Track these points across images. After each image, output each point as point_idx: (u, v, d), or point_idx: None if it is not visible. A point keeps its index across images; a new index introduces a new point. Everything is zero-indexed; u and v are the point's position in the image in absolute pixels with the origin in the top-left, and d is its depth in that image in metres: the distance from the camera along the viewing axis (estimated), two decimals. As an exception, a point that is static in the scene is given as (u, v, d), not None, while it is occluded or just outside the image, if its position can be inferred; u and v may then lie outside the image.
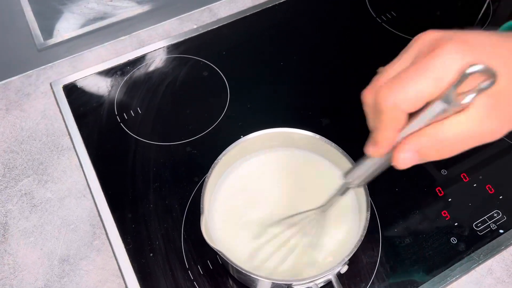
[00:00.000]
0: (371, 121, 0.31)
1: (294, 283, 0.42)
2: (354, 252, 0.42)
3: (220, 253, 0.42)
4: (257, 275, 0.41)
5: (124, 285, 0.49)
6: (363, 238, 0.42)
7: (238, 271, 0.42)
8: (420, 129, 0.29)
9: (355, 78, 0.66)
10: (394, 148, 0.30)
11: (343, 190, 0.40)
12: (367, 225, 0.43)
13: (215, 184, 0.49)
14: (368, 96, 0.31)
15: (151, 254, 0.51)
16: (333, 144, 0.48)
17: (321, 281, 0.43)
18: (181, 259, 0.51)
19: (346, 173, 0.37)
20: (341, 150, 0.48)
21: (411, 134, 0.29)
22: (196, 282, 0.49)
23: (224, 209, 0.48)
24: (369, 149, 0.32)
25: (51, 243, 0.53)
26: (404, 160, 0.30)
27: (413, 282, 0.49)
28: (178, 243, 0.52)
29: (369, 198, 0.45)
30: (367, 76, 0.32)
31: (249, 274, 0.41)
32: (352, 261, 0.48)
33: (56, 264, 0.51)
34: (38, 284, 0.50)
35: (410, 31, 0.70)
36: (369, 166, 0.34)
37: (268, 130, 0.50)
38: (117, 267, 0.51)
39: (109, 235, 0.52)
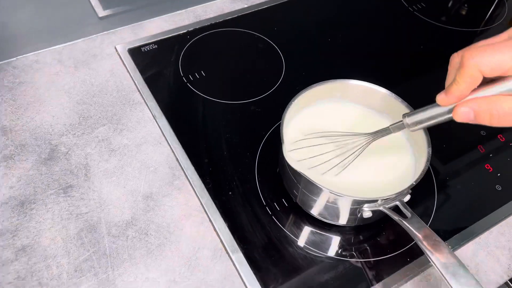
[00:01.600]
0: (449, 78, 0.38)
1: (365, 204, 0.47)
2: (420, 179, 0.47)
3: (301, 173, 0.46)
4: (336, 192, 0.45)
5: (207, 219, 0.53)
6: (427, 168, 0.48)
7: (313, 192, 0.47)
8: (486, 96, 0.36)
9: (396, 58, 0.73)
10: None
11: (397, 127, 0.46)
12: (430, 157, 0.48)
13: (289, 121, 0.54)
14: (455, 56, 0.37)
15: (230, 193, 0.55)
16: (404, 102, 0.54)
17: (389, 206, 0.48)
18: (258, 198, 0.55)
19: (407, 114, 0.44)
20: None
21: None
22: (275, 216, 0.54)
23: (296, 142, 0.53)
24: (440, 96, 0.39)
25: (133, 182, 0.56)
26: (461, 114, 0.37)
27: (467, 219, 0.55)
28: (254, 184, 0.56)
29: (429, 136, 0.50)
30: (406, 57, 0.37)
31: (328, 190, 0.45)
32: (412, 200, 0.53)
33: (140, 200, 0.54)
34: (125, 217, 0.53)
35: (440, 19, 0.79)
36: (431, 113, 0.41)
37: (338, 80, 0.55)
38: (199, 203, 0.54)
39: (189, 176, 0.56)
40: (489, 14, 0.83)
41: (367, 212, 0.48)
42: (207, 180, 0.56)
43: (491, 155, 0.61)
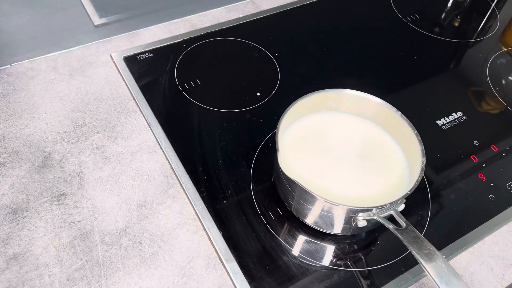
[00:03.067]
0: None
1: (360, 213, 0.47)
2: (414, 188, 0.47)
3: (296, 182, 0.46)
4: (330, 201, 0.45)
5: (202, 227, 0.53)
6: (421, 178, 0.48)
7: (308, 200, 0.47)
8: None
9: (389, 68, 0.74)
10: None
11: None
12: (424, 167, 0.49)
13: (284, 130, 0.54)
14: None
15: (225, 201, 0.55)
16: (398, 111, 0.54)
17: (383, 215, 0.48)
18: (253, 206, 0.55)
19: None
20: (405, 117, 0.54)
21: None
22: (269, 225, 0.53)
23: (291, 151, 0.53)
24: None
25: (127, 190, 0.56)
26: None
27: (461, 229, 0.55)
28: (248, 193, 0.56)
29: (423, 146, 0.51)
30: (400, 68, 0.38)
31: (323, 198, 0.45)
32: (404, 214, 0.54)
33: (134, 208, 0.54)
34: (118, 225, 0.52)
35: (433, 30, 0.80)
36: None
37: (333, 89, 0.56)
38: (193, 212, 0.54)
39: (183, 185, 0.56)
40: (481, 26, 0.84)
41: (361, 221, 0.48)
42: (202, 188, 0.56)
43: (484, 165, 0.61)
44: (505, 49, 0.79)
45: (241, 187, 0.57)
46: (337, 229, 0.51)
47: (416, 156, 0.51)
